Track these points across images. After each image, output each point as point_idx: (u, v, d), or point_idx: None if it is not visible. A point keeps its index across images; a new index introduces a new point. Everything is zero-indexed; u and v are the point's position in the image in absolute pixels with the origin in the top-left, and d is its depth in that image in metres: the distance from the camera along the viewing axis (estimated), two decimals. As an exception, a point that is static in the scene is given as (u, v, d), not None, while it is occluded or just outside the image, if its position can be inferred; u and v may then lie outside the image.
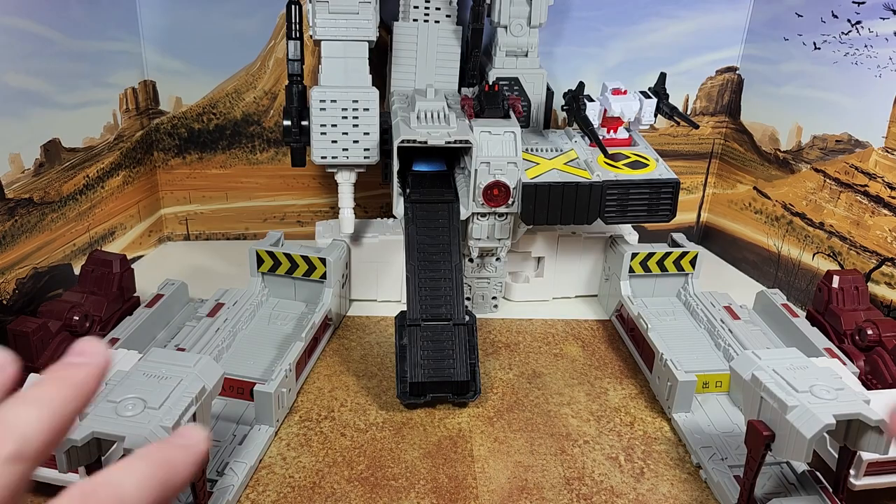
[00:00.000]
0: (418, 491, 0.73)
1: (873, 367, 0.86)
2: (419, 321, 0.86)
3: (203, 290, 1.02)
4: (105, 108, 1.08)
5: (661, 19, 1.17)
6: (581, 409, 0.86)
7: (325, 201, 1.26)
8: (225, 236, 1.28)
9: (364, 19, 0.93)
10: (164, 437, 0.57)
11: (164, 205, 1.24)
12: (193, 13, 1.13)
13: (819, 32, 1.05)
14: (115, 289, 0.92)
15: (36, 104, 0.95)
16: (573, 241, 1.08)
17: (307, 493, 0.72)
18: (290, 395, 0.83)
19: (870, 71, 0.98)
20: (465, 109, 0.97)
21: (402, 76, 1.04)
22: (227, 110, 1.19)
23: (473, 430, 0.82)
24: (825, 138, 1.06)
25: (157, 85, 1.17)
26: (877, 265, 1.00)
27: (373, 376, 0.91)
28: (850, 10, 0.99)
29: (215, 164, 1.22)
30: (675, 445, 0.81)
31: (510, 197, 0.94)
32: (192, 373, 0.63)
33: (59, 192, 1.01)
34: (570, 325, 1.05)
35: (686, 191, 1.28)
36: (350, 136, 0.96)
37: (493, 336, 1.01)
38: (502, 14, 1.00)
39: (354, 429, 0.81)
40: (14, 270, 0.94)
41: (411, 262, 0.90)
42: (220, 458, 0.73)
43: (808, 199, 1.10)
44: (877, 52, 0.97)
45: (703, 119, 1.25)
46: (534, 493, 0.73)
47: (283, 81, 1.08)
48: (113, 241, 1.13)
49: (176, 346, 0.87)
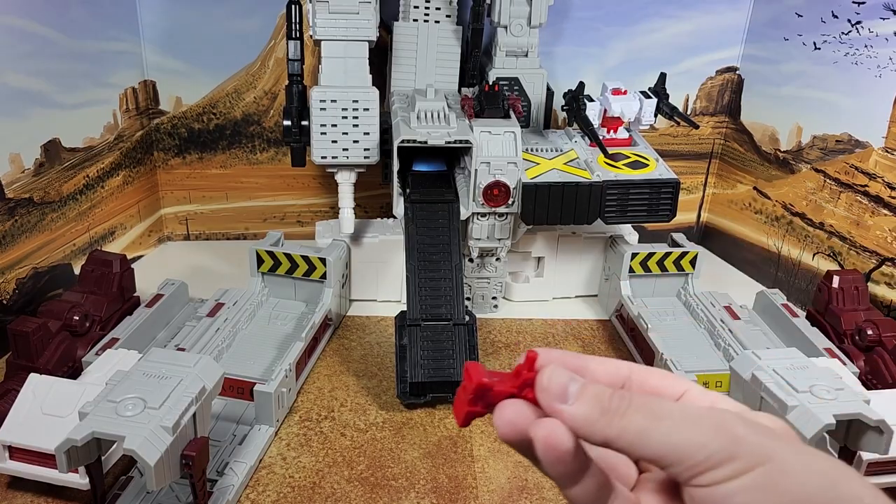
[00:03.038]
0: (418, 491, 0.73)
1: (873, 367, 0.86)
2: (419, 321, 0.86)
3: (203, 290, 1.02)
4: (105, 108, 1.09)
5: (661, 19, 1.17)
6: (581, 409, 0.86)
7: (325, 201, 1.26)
8: (225, 236, 1.28)
9: (364, 19, 0.93)
10: (165, 437, 0.57)
11: (164, 205, 1.24)
12: (193, 13, 1.13)
13: (819, 32, 1.05)
14: (115, 289, 0.92)
15: (36, 104, 0.95)
16: (573, 241, 1.08)
17: (307, 493, 0.72)
18: (290, 395, 0.83)
19: (870, 71, 0.98)
20: (465, 109, 0.97)
21: (402, 76, 1.04)
22: (227, 110, 1.19)
23: (473, 430, 0.82)
24: (825, 138, 1.06)
25: (157, 85, 1.17)
26: (877, 265, 1.00)
27: (373, 376, 0.91)
28: (850, 10, 0.99)
29: (215, 164, 1.22)
30: (675, 445, 0.81)
31: (510, 197, 0.94)
32: (192, 373, 0.63)
33: (59, 191, 1.01)
34: (570, 325, 1.05)
35: (686, 191, 1.28)
36: (350, 136, 0.96)
37: (493, 336, 1.01)
38: (502, 14, 1.00)
39: (354, 429, 0.81)
40: (14, 270, 0.94)
41: (411, 262, 0.90)
42: (220, 458, 0.73)
43: (808, 199, 1.10)
44: (877, 52, 0.97)
45: (703, 119, 1.25)
46: (534, 493, 0.73)
47: (283, 81, 1.08)
48: (113, 241, 1.13)
49: (176, 346, 0.87)
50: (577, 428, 0.31)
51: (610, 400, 0.31)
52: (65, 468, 0.58)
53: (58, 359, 0.81)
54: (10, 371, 0.80)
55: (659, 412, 0.30)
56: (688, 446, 0.29)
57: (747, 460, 0.29)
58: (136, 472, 0.70)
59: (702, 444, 0.29)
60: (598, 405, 0.31)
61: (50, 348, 0.81)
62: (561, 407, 0.31)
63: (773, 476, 0.28)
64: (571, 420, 0.31)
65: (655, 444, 0.30)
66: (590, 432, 0.31)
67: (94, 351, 0.84)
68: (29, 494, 0.70)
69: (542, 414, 0.32)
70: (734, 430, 0.29)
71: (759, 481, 0.28)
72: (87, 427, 0.57)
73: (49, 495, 0.70)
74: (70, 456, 0.57)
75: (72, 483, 0.66)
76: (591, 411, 0.31)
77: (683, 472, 0.30)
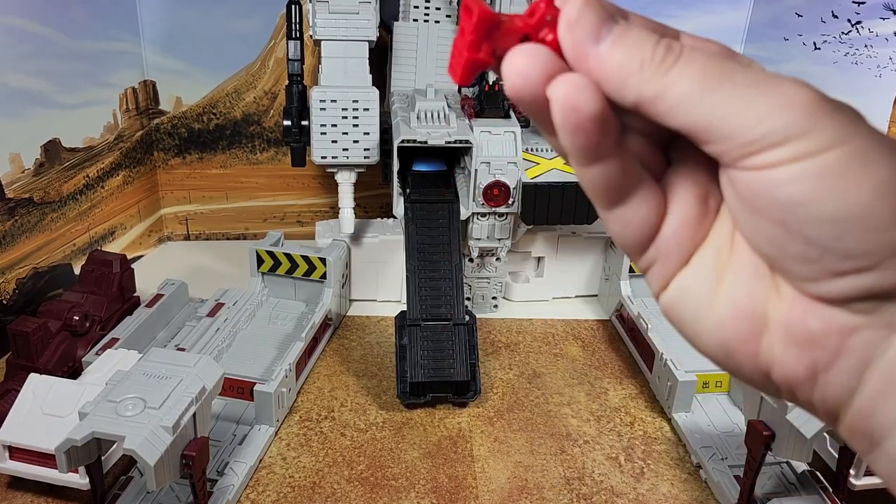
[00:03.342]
0: (418, 491, 0.73)
1: (873, 367, 0.85)
2: (419, 321, 0.86)
3: (203, 290, 1.02)
4: (105, 108, 1.09)
5: (661, 19, 1.16)
6: (581, 409, 0.86)
7: (325, 201, 1.26)
8: (225, 236, 1.28)
9: (364, 19, 0.93)
10: (165, 437, 0.57)
11: (164, 205, 1.24)
12: (193, 13, 1.13)
13: (819, 32, 1.05)
14: (115, 289, 0.92)
15: (36, 104, 0.95)
16: (573, 241, 1.08)
17: (307, 493, 0.72)
18: (290, 394, 0.83)
19: (870, 71, 0.98)
20: (465, 109, 0.97)
21: (402, 76, 1.04)
22: (227, 110, 1.19)
23: (473, 430, 0.82)
24: (825, 138, 1.06)
25: (157, 85, 1.17)
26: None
27: (373, 376, 0.91)
28: (850, 10, 0.99)
29: (215, 164, 1.22)
30: (675, 445, 0.81)
31: (510, 197, 0.93)
32: (192, 373, 0.63)
33: (59, 191, 1.01)
34: (570, 325, 1.04)
35: (686, 191, 1.28)
36: (350, 136, 0.96)
37: (493, 336, 1.01)
38: (502, 14, 1.00)
39: (354, 429, 0.81)
40: (14, 270, 0.94)
41: (411, 261, 0.90)
42: (220, 458, 0.73)
43: (808, 199, 1.10)
44: (877, 52, 0.97)
45: (703, 119, 1.25)
46: (534, 493, 0.73)
47: (283, 81, 1.09)
48: (113, 241, 1.13)
49: (176, 346, 0.87)
50: (606, 78, 0.25)
51: (655, 48, 0.25)
52: (65, 468, 0.58)
53: (58, 359, 0.81)
54: (10, 371, 0.80)
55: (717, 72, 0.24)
56: (743, 117, 0.23)
57: (822, 139, 0.23)
58: (136, 472, 0.70)
59: (763, 115, 0.23)
60: (638, 53, 0.24)
61: (50, 348, 0.81)
62: (591, 49, 0.25)
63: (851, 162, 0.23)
64: (601, 68, 0.25)
65: (702, 112, 0.24)
66: (621, 87, 0.25)
67: (94, 351, 0.84)
68: (29, 494, 0.70)
69: (564, 68, 0.25)
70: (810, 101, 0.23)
71: (827, 166, 0.23)
72: (87, 427, 0.57)
73: (49, 495, 0.70)
74: (70, 456, 0.57)
75: (72, 483, 0.66)
76: (629, 60, 0.24)
77: (732, 151, 0.24)
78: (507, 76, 0.25)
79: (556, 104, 0.25)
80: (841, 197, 0.23)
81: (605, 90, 0.25)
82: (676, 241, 0.28)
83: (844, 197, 0.23)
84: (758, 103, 0.23)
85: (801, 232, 0.24)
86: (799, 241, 0.24)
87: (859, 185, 0.23)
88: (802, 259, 0.24)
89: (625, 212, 0.27)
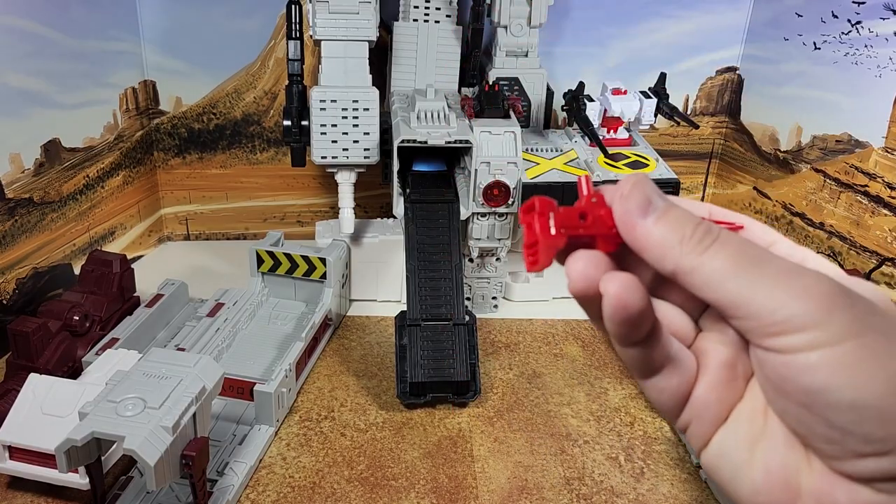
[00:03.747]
0: (418, 491, 0.73)
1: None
2: (419, 321, 0.86)
3: (203, 290, 1.02)
4: (105, 108, 1.08)
5: (661, 19, 1.17)
6: (581, 409, 0.86)
7: (325, 201, 1.26)
8: (225, 236, 1.28)
9: (364, 19, 0.93)
10: (165, 437, 0.57)
11: (164, 205, 1.24)
12: (193, 13, 1.13)
13: (819, 32, 1.05)
14: (115, 289, 0.92)
15: (36, 104, 0.95)
16: (573, 241, 1.08)
17: (307, 493, 0.72)
18: (290, 395, 0.83)
19: (870, 71, 0.98)
20: (465, 109, 0.97)
21: (402, 76, 1.04)
22: (227, 110, 1.19)
23: (473, 430, 0.82)
24: (825, 138, 1.06)
25: (157, 85, 1.17)
26: (877, 265, 1.00)
27: (373, 376, 0.91)
28: (850, 10, 0.99)
29: (215, 164, 1.22)
30: (675, 445, 0.81)
31: (510, 197, 0.93)
32: (192, 373, 0.63)
33: (59, 191, 1.01)
34: (570, 325, 1.05)
35: (686, 191, 1.28)
36: (350, 136, 0.96)
37: (493, 336, 1.01)
38: (502, 14, 1.00)
39: (354, 429, 0.81)
40: (14, 270, 0.94)
41: (411, 261, 0.90)
42: (220, 458, 0.73)
43: (808, 199, 1.10)
44: (877, 52, 0.97)
45: (703, 119, 1.25)
46: (534, 493, 0.73)
47: (283, 81, 1.09)
48: (113, 241, 1.13)
49: (176, 346, 0.87)
50: (649, 248, 0.28)
51: (695, 229, 0.27)
52: (65, 468, 0.58)
53: (58, 359, 0.81)
54: (10, 371, 0.80)
55: (748, 256, 0.27)
56: (766, 301, 0.26)
57: (836, 331, 0.25)
58: (136, 472, 0.70)
59: (784, 301, 0.26)
60: (679, 230, 0.27)
61: (50, 348, 0.81)
62: (638, 220, 0.28)
63: (864, 355, 0.25)
64: (646, 238, 0.28)
65: (730, 290, 0.26)
66: (661, 257, 0.28)
67: (94, 351, 0.84)
68: (29, 494, 0.70)
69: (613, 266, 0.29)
70: (827, 295, 0.25)
71: (841, 357, 0.25)
72: (87, 427, 0.57)
73: (49, 495, 0.70)
74: (70, 456, 0.57)
75: (72, 483, 0.66)
76: (671, 234, 0.27)
77: (755, 329, 0.26)
78: (571, 277, 0.30)
79: (608, 300, 0.28)
80: (857, 387, 0.25)
81: (647, 258, 0.28)
82: (705, 404, 0.31)
83: (860, 387, 0.25)
84: (781, 290, 0.26)
85: (824, 416, 0.26)
86: (822, 424, 0.26)
87: (873, 378, 0.25)
88: (827, 440, 0.26)
89: (659, 380, 0.31)
